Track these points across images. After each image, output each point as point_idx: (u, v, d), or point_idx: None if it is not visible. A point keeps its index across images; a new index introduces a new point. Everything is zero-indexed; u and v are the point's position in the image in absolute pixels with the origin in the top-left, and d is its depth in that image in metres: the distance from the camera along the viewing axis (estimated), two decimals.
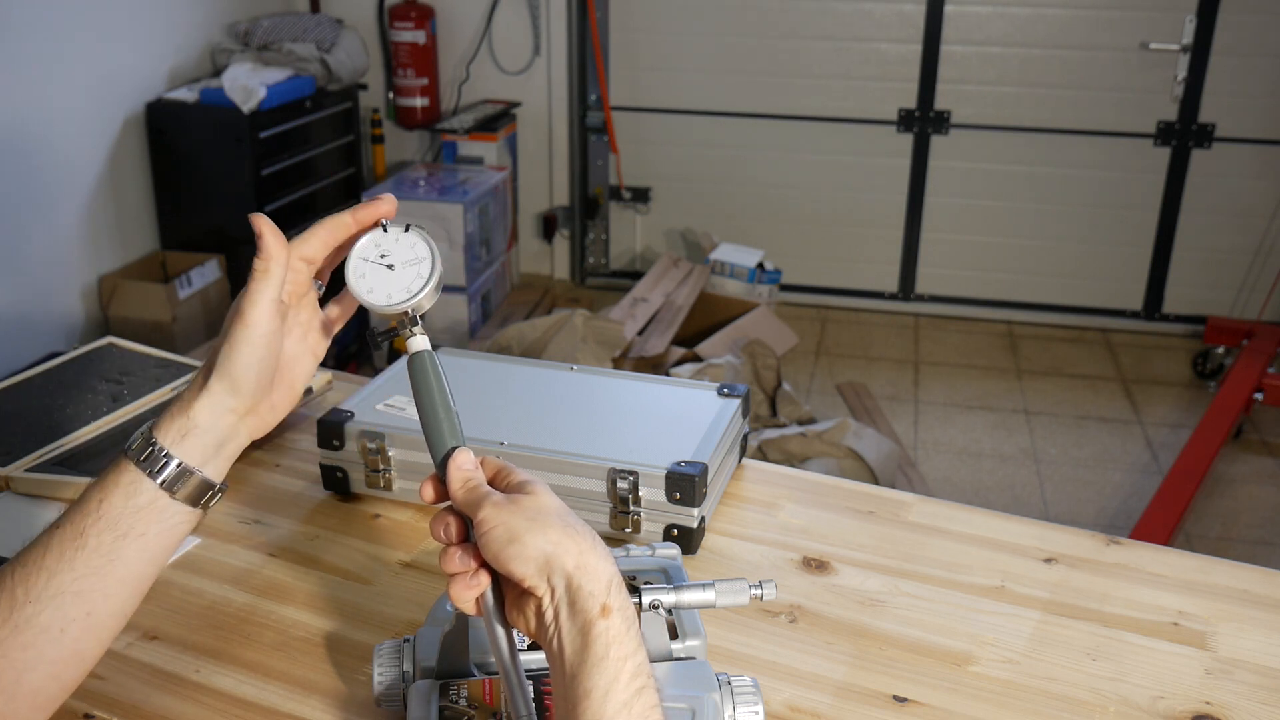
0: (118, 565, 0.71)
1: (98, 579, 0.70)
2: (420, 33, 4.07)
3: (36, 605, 0.69)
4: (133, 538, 0.71)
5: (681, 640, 0.79)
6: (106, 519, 0.71)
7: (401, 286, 0.73)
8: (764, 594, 0.71)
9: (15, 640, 0.69)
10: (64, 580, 0.69)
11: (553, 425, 1.11)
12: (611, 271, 4.49)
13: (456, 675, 0.78)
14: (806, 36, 4.05)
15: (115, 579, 0.71)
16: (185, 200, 3.54)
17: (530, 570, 0.64)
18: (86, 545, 0.70)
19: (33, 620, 0.69)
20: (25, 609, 0.69)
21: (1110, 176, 4.01)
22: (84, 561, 0.70)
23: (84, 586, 0.70)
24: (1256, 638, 0.94)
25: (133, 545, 0.71)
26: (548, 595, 0.63)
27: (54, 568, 0.70)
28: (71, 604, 0.70)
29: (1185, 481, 2.83)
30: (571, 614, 0.62)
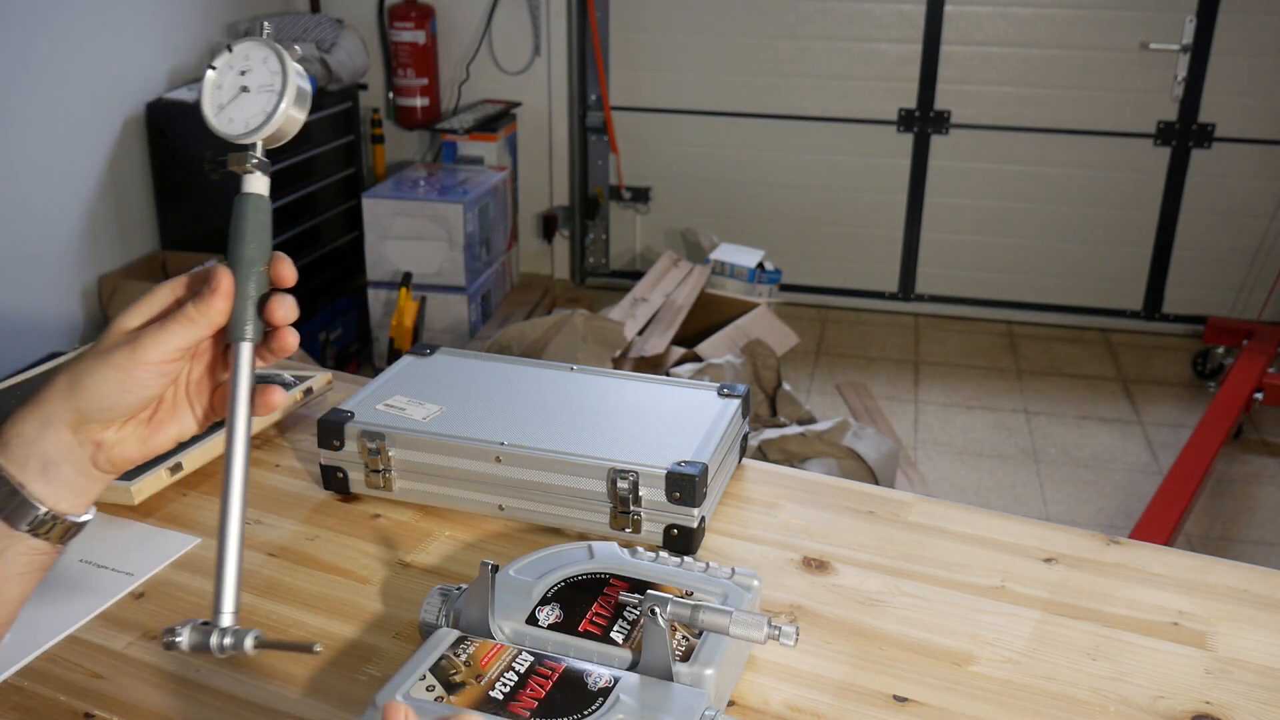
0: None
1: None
2: (420, 33, 4.07)
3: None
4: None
5: (691, 664, 0.78)
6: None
7: (258, 110, 0.66)
8: (782, 637, 0.70)
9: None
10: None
11: (553, 425, 1.11)
12: (611, 271, 4.49)
13: (480, 631, 0.80)
14: (806, 36, 4.05)
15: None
16: (185, 200, 3.54)
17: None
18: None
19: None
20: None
21: (1110, 176, 4.01)
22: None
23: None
24: (1256, 638, 0.94)
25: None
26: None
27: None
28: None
29: (1185, 481, 2.83)
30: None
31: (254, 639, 0.63)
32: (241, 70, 0.66)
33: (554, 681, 0.74)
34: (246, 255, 0.65)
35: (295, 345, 0.67)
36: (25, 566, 0.65)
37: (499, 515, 1.10)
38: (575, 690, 0.73)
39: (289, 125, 0.67)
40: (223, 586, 0.64)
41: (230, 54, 0.67)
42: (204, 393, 0.69)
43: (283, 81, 0.66)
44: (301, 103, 0.67)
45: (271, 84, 0.66)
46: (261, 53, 0.67)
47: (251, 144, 0.66)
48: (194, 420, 0.69)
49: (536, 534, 1.09)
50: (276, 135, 0.67)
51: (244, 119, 0.66)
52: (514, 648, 0.78)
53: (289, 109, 0.66)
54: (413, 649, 0.90)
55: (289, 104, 0.66)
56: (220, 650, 0.63)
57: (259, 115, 0.66)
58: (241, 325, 0.65)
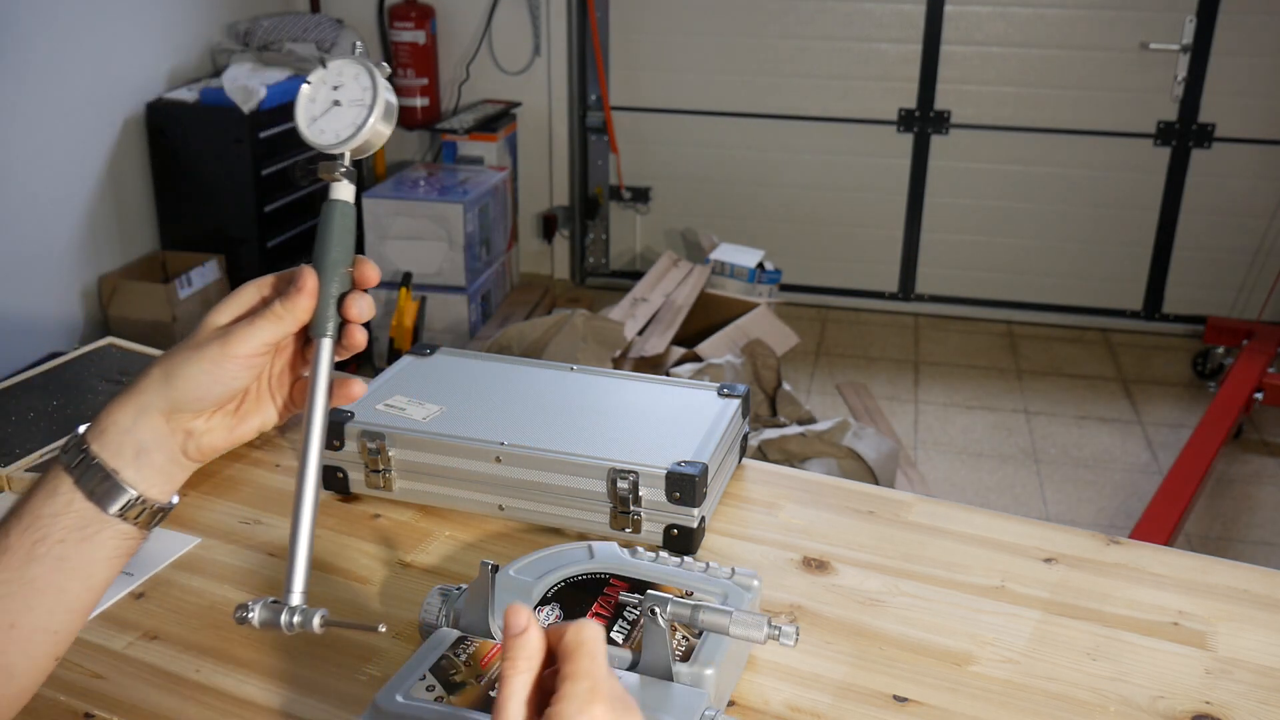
0: (37, 574, 0.66)
1: (18, 586, 0.66)
2: (420, 33, 4.07)
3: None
4: (50, 544, 0.66)
5: (691, 664, 0.78)
6: (26, 518, 0.67)
7: (348, 123, 0.70)
8: (782, 637, 0.70)
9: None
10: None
11: (553, 425, 1.11)
12: (611, 271, 4.49)
13: (480, 631, 0.80)
14: (806, 36, 4.05)
15: (35, 589, 0.66)
16: (185, 200, 3.54)
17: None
18: (8, 547, 0.66)
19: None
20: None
21: (1110, 176, 4.01)
22: (5, 566, 0.66)
23: (6, 593, 0.66)
24: (1256, 638, 0.94)
25: (51, 553, 0.66)
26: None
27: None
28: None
29: (1185, 481, 2.83)
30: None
31: (321, 618, 0.66)
32: (334, 85, 0.71)
33: None
34: (331, 257, 0.70)
35: (364, 343, 0.71)
36: (114, 551, 0.68)
37: (499, 515, 1.10)
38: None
39: (375, 138, 0.71)
40: (294, 568, 0.67)
41: (325, 70, 0.72)
42: (284, 385, 0.73)
43: (373, 97, 0.70)
44: (389, 117, 0.71)
45: (362, 99, 0.70)
46: (354, 69, 0.71)
47: (340, 154, 0.70)
48: (275, 411, 0.73)
49: (536, 534, 1.09)
50: (364, 147, 0.70)
51: (334, 130, 0.70)
52: None
53: (377, 123, 0.70)
54: (413, 649, 0.90)
55: (377, 118, 0.70)
56: (289, 628, 0.66)
57: (349, 128, 0.70)
58: (323, 322, 0.69)
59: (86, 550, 0.67)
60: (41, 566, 0.66)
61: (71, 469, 0.67)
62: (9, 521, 0.67)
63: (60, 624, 0.68)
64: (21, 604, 0.66)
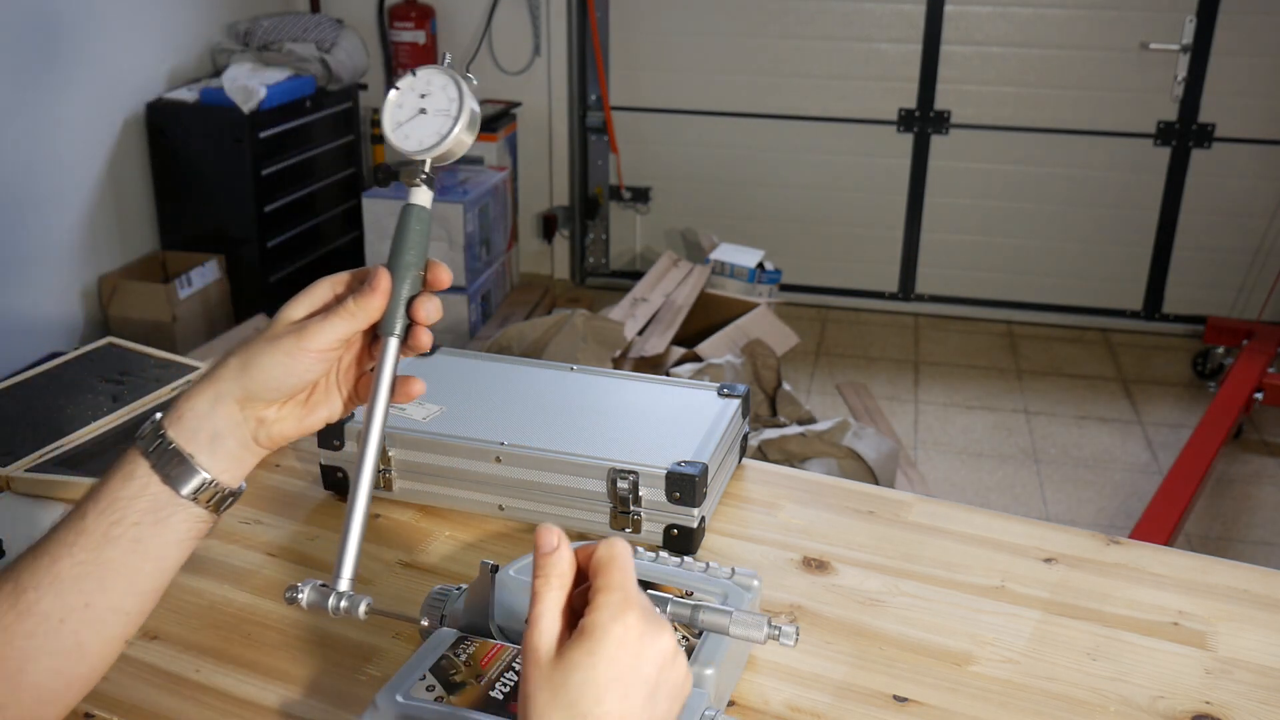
0: (112, 555, 0.68)
1: (94, 567, 0.68)
2: (420, 33, 4.07)
3: (37, 591, 0.67)
4: (126, 526, 0.68)
5: (691, 664, 0.78)
6: (104, 501, 0.69)
7: (432, 131, 0.72)
8: (782, 637, 0.71)
9: (19, 627, 0.67)
10: (63, 566, 0.68)
11: (553, 425, 1.11)
12: (611, 271, 4.49)
13: (480, 632, 0.80)
14: (806, 36, 4.05)
15: (110, 570, 0.68)
16: (185, 200, 3.54)
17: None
18: (85, 529, 0.68)
19: (34, 607, 0.67)
20: (27, 594, 0.67)
21: (1110, 176, 4.01)
22: (81, 547, 0.68)
23: (81, 573, 0.68)
24: (1256, 638, 0.94)
25: (127, 534, 0.68)
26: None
27: (55, 552, 0.68)
28: (70, 592, 0.68)
29: (1185, 481, 2.83)
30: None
31: (367, 605, 0.69)
32: (421, 94, 0.73)
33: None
34: (405, 259, 0.72)
35: (428, 345, 0.73)
36: (186, 533, 0.70)
37: (499, 515, 1.10)
38: None
39: (458, 147, 0.73)
40: (344, 555, 0.69)
41: (413, 78, 0.74)
42: (350, 380, 0.75)
43: (459, 108, 0.72)
44: (472, 128, 0.73)
45: (448, 109, 0.72)
46: (441, 80, 0.73)
47: (422, 160, 0.72)
48: (341, 404, 0.76)
49: None
50: (445, 155, 0.73)
51: (419, 138, 0.72)
52: (514, 648, 0.78)
53: (461, 133, 0.72)
54: (413, 649, 0.90)
55: (462, 129, 0.72)
56: (335, 611, 0.68)
57: (433, 136, 0.72)
58: (391, 322, 0.72)
59: (160, 533, 0.69)
60: (117, 548, 0.68)
61: (148, 453, 0.69)
62: (86, 504, 0.69)
63: (132, 605, 0.70)
64: (96, 584, 0.68)
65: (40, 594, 0.67)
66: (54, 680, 0.69)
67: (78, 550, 0.68)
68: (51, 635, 0.67)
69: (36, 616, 0.67)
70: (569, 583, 0.60)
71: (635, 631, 0.57)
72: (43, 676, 0.68)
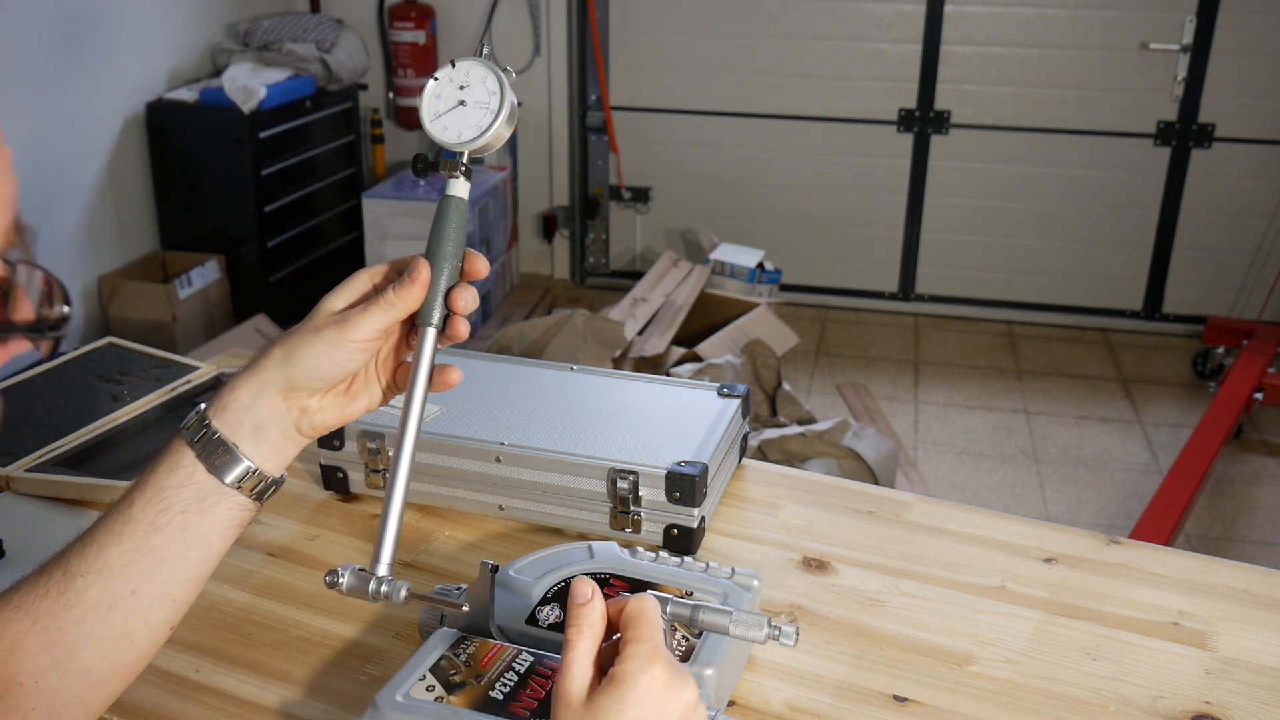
0: (158, 543, 0.70)
1: (140, 555, 0.70)
2: (420, 33, 4.07)
3: (86, 578, 0.69)
4: (172, 514, 0.70)
5: (691, 664, 0.79)
6: (150, 490, 0.71)
7: (472, 124, 0.72)
8: (782, 637, 0.71)
9: (68, 614, 0.69)
10: (111, 553, 0.69)
11: (553, 425, 1.11)
12: (611, 271, 4.49)
13: (480, 631, 0.81)
14: (806, 36, 4.05)
15: (157, 558, 0.70)
16: (185, 200, 3.54)
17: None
18: (132, 517, 0.70)
19: (83, 595, 0.69)
20: (76, 582, 0.69)
21: (1110, 176, 4.01)
22: (128, 535, 0.70)
23: (129, 560, 0.69)
24: (1256, 638, 0.94)
25: (172, 522, 0.70)
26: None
27: (104, 540, 0.70)
28: (118, 579, 0.69)
29: (1185, 481, 2.83)
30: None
31: (406, 590, 0.71)
32: (461, 85, 0.73)
33: (554, 682, 0.74)
34: (443, 250, 0.73)
35: (466, 334, 0.75)
36: (230, 521, 0.72)
37: (499, 515, 1.10)
38: None
39: (496, 140, 0.73)
40: (383, 541, 0.71)
41: (453, 69, 0.73)
42: (389, 369, 0.77)
43: (499, 101, 0.72)
44: (511, 121, 0.73)
45: (488, 102, 0.72)
46: (481, 72, 0.73)
47: (460, 153, 0.73)
48: (380, 393, 0.77)
49: (536, 534, 1.09)
50: (484, 147, 0.73)
51: (457, 129, 0.72)
52: (514, 648, 0.78)
53: (500, 126, 0.72)
54: (413, 649, 0.90)
55: (501, 122, 0.72)
56: (375, 596, 0.70)
57: (472, 129, 0.72)
58: (430, 311, 0.73)
59: (205, 521, 0.71)
60: (163, 536, 0.70)
61: (193, 443, 0.71)
62: (133, 493, 0.71)
63: (178, 592, 0.72)
64: (143, 571, 0.70)
65: (89, 581, 0.69)
66: (103, 666, 0.70)
67: (125, 538, 0.70)
68: (100, 622, 0.69)
69: (85, 604, 0.69)
70: (600, 633, 0.63)
71: (661, 682, 0.60)
72: (92, 662, 0.70)
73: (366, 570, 0.70)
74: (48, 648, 0.68)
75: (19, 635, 0.68)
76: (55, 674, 0.69)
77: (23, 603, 0.69)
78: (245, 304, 3.54)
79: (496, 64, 0.73)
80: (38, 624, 0.68)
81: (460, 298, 0.73)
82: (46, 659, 0.68)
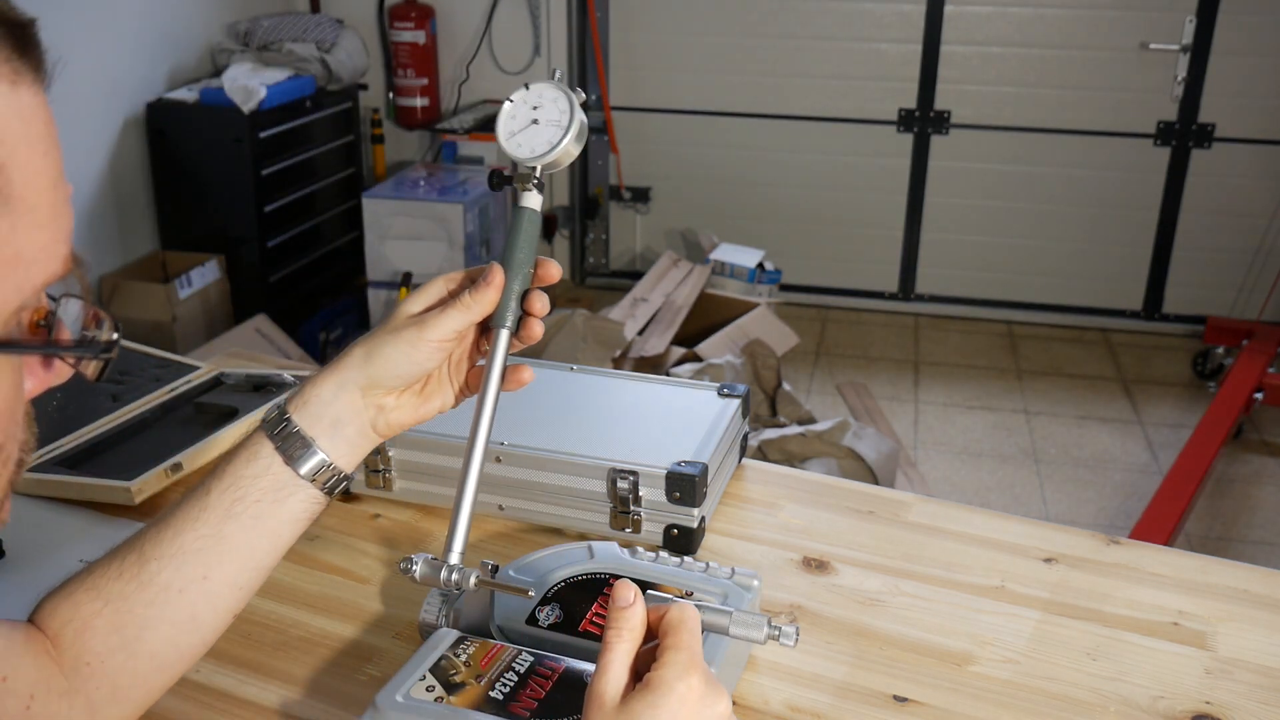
0: (232, 530, 0.72)
1: (215, 541, 0.72)
2: (420, 33, 4.07)
3: (160, 562, 0.71)
4: (247, 503, 0.73)
5: None
6: (228, 479, 0.73)
7: (544, 140, 0.77)
8: (782, 638, 0.71)
9: (140, 596, 0.71)
10: (186, 539, 0.72)
11: (553, 425, 1.11)
12: (611, 271, 4.49)
13: (480, 632, 0.81)
14: (806, 36, 4.05)
15: (230, 545, 0.73)
16: (185, 200, 3.54)
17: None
18: (209, 505, 0.73)
19: (156, 578, 0.71)
20: (150, 565, 0.71)
21: (1110, 176, 4.01)
22: (205, 522, 0.72)
23: (203, 546, 0.72)
24: (1256, 638, 0.94)
25: (248, 511, 0.73)
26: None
27: (179, 526, 0.72)
28: (191, 564, 0.72)
29: (1185, 481, 2.83)
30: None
31: (476, 578, 0.73)
32: (534, 106, 0.78)
33: (554, 682, 0.74)
34: (517, 257, 0.77)
35: (540, 335, 0.79)
36: (301, 513, 0.75)
37: (499, 515, 1.10)
38: (575, 690, 0.73)
39: (565, 157, 0.77)
40: (455, 531, 0.74)
41: (527, 91, 0.79)
42: (462, 372, 0.80)
43: (569, 120, 0.77)
44: (580, 139, 0.78)
45: (559, 121, 0.77)
46: (553, 93, 0.78)
47: (533, 167, 0.77)
48: (453, 395, 0.80)
49: (536, 534, 1.09)
50: (554, 163, 0.77)
51: (530, 146, 0.77)
52: (514, 648, 0.78)
53: (569, 144, 0.77)
54: (413, 649, 0.90)
55: (570, 140, 0.77)
56: (447, 583, 0.73)
57: (544, 145, 0.77)
58: (504, 314, 0.76)
59: (278, 511, 0.74)
60: (237, 524, 0.73)
61: (273, 435, 0.74)
62: (211, 481, 0.74)
63: (245, 580, 0.74)
64: (215, 558, 0.72)
65: (162, 565, 0.71)
66: (168, 649, 0.73)
67: (201, 525, 0.72)
68: (170, 605, 0.71)
69: (157, 586, 0.71)
70: (639, 638, 0.64)
71: (697, 692, 0.60)
72: (158, 645, 0.72)
73: (438, 559, 0.74)
74: (117, 629, 0.70)
75: (90, 616, 0.70)
76: (122, 654, 0.71)
77: (95, 585, 0.71)
78: (245, 304, 3.54)
79: (568, 87, 0.78)
80: (109, 605, 0.71)
81: (536, 301, 0.77)
82: (115, 640, 0.70)
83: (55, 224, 0.49)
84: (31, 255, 0.47)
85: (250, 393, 1.32)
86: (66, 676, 0.70)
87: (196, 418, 1.26)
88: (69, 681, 0.70)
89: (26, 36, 0.47)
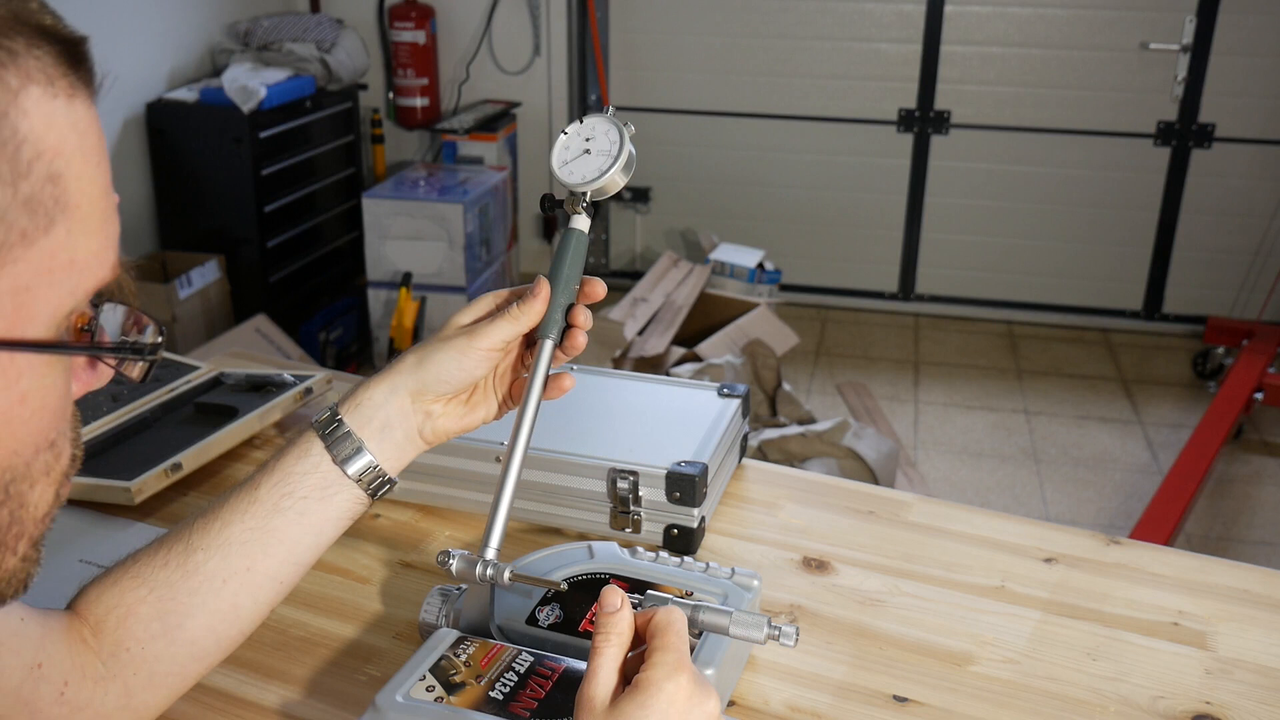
0: (279, 524, 0.75)
1: (261, 534, 0.74)
2: (420, 33, 4.07)
3: (206, 552, 0.74)
4: (295, 499, 0.75)
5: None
6: (277, 474, 0.76)
7: (593, 168, 0.82)
8: (782, 638, 0.71)
9: (185, 584, 0.73)
10: (234, 530, 0.74)
11: (553, 425, 1.11)
12: (611, 271, 4.49)
13: (480, 632, 0.82)
14: (806, 36, 4.05)
15: (275, 539, 0.75)
16: (185, 200, 3.54)
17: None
18: (258, 499, 0.75)
19: (201, 567, 0.73)
20: (196, 554, 0.74)
21: (1110, 176, 4.01)
22: (253, 515, 0.75)
23: (249, 539, 0.74)
24: (1256, 638, 0.94)
25: (294, 507, 0.75)
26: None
27: (227, 518, 0.75)
28: (236, 555, 0.74)
29: (1185, 481, 2.83)
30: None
31: (510, 573, 0.76)
32: (587, 137, 0.84)
33: (554, 682, 0.74)
34: (564, 273, 0.82)
35: (583, 346, 0.83)
36: (345, 512, 0.78)
37: None
38: (575, 690, 0.73)
39: (611, 185, 0.82)
40: (492, 528, 0.77)
41: (581, 124, 0.84)
42: (505, 383, 0.84)
43: (619, 150, 0.83)
44: (628, 169, 0.83)
45: (609, 151, 0.83)
46: (605, 126, 0.84)
47: (583, 192, 0.82)
48: (496, 406, 0.83)
49: (536, 534, 1.09)
50: (602, 190, 0.82)
51: (581, 173, 0.82)
52: (514, 648, 0.78)
53: (616, 173, 0.82)
54: (413, 649, 0.90)
55: (618, 169, 0.82)
56: (482, 578, 0.76)
57: (594, 172, 0.82)
58: (549, 326, 0.81)
59: (323, 508, 0.76)
60: (284, 518, 0.75)
61: (324, 435, 0.77)
62: (260, 475, 0.77)
63: (286, 574, 0.77)
64: (260, 550, 0.75)
65: (209, 555, 0.74)
66: (207, 638, 0.74)
67: (249, 517, 0.75)
68: (213, 594, 0.74)
69: (203, 575, 0.73)
70: (627, 642, 0.65)
71: (685, 691, 0.62)
72: (198, 633, 0.74)
73: (474, 555, 0.77)
74: (159, 616, 0.72)
75: (135, 603, 0.72)
76: (162, 641, 0.73)
77: (140, 573, 0.73)
78: (245, 304, 3.54)
79: (619, 121, 0.84)
80: (154, 593, 0.73)
81: (580, 314, 0.82)
82: (156, 626, 0.72)
83: (105, 231, 0.51)
84: (84, 261, 0.49)
85: (250, 393, 1.31)
86: (104, 663, 0.71)
87: (196, 418, 1.26)
88: (106, 668, 0.71)
89: (80, 53, 0.52)
